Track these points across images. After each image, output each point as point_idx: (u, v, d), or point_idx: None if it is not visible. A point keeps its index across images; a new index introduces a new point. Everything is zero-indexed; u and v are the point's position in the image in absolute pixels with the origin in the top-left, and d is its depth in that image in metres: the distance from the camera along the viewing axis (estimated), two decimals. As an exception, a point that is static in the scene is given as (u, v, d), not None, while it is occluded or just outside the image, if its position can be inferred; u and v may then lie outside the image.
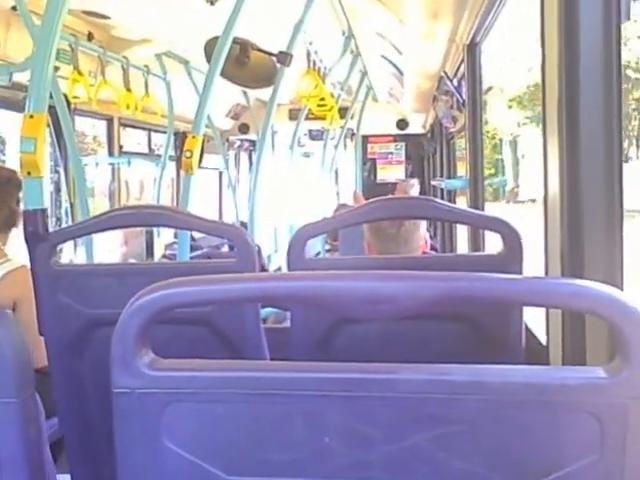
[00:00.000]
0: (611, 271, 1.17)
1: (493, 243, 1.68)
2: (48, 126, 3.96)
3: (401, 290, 0.70)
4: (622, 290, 1.17)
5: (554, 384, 0.70)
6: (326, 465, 0.71)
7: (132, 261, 4.60)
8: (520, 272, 1.48)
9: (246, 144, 7.83)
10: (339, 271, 0.72)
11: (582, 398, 0.69)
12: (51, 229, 1.68)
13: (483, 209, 2.97)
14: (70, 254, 3.97)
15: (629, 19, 1.28)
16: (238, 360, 0.76)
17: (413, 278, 0.71)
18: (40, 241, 1.59)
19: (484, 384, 0.70)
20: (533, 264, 1.49)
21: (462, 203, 3.74)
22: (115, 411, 0.73)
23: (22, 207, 1.75)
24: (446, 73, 3.88)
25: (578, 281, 0.70)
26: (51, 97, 3.37)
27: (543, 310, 1.49)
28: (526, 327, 1.61)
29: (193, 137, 2.52)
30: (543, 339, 1.59)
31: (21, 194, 2.17)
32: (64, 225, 3.95)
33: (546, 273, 1.42)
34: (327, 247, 5.86)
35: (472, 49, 3.06)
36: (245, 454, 0.72)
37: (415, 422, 0.70)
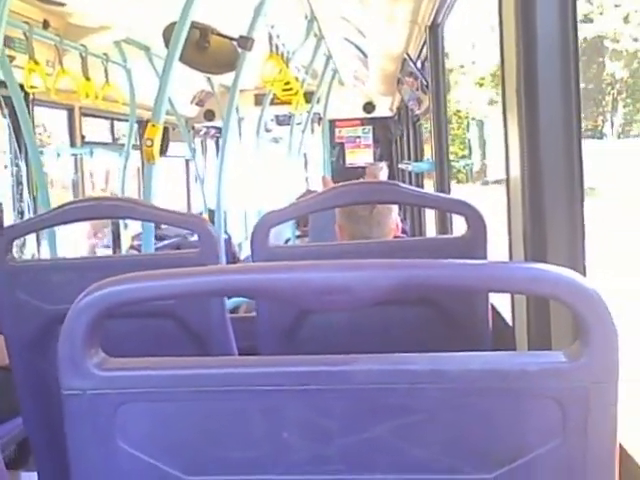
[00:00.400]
0: (573, 255, 1.17)
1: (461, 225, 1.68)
2: (4, 117, 3.87)
3: (356, 280, 0.68)
4: (584, 273, 1.17)
5: (515, 370, 0.69)
6: (285, 460, 0.70)
7: (99, 253, 4.53)
8: (485, 254, 1.48)
9: (212, 131, 7.75)
10: (292, 262, 0.70)
11: (543, 383, 0.68)
12: (14, 223, 1.64)
13: (449, 192, 2.97)
14: (33, 249, 3.91)
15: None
16: (192, 357, 0.73)
17: (368, 267, 0.69)
18: None
19: (444, 373, 0.69)
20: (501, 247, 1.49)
21: (430, 186, 3.75)
22: (66, 413, 0.70)
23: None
24: (409, 55, 3.87)
25: (539, 265, 0.69)
26: (7, 87, 3.28)
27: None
28: (493, 308, 1.62)
29: (153, 125, 2.47)
30: (510, 319, 1.59)
31: None
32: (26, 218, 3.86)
33: (510, 257, 1.42)
34: (298, 233, 5.84)
35: (434, 30, 3.04)
36: (202, 453, 0.71)
37: (374, 413, 0.69)
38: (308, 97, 5.78)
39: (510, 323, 1.58)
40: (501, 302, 1.72)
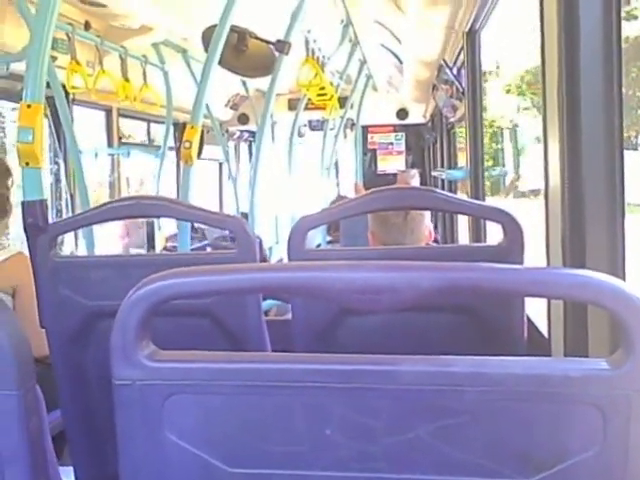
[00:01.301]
0: (613, 262, 1.16)
1: (494, 235, 1.68)
2: (46, 117, 3.95)
3: (401, 280, 0.69)
4: (624, 281, 1.16)
5: (556, 375, 0.69)
6: (327, 457, 0.71)
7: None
8: (521, 263, 1.48)
9: (245, 135, 7.81)
10: (338, 262, 0.72)
11: (585, 390, 0.69)
12: (51, 221, 1.68)
13: (484, 200, 2.96)
14: (71, 246, 3.97)
15: (629, 4, 1.26)
16: (239, 352, 0.75)
17: (413, 268, 0.70)
18: (40, 233, 1.59)
19: (485, 375, 0.69)
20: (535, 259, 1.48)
21: (463, 196, 3.73)
22: (116, 403, 0.72)
23: (20, 198, 1.74)
24: (445, 61, 3.86)
25: (582, 271, 0.69)
26: (49, 87, 3.35)
27: (544, 302, 1.48)
28: (528, 319, 1.61)
29: (192, 127, 2.51)
30: (545, 331, 1.58)
31: (10, 181, 2.15)
32: (65, 217, 3.94)
33: (548, 265, 1.41)
34: (328, 239, 5.84)
35: (471, 36, 3.04)
36: (246, 446, 0.72)
37: (416, 414, 0.70)
38: (342, 102, 5.80)
39: (546, 335, 1.57)
40: (535, 315, 1.71)
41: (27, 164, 1.69)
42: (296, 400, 0.71)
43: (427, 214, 1.99)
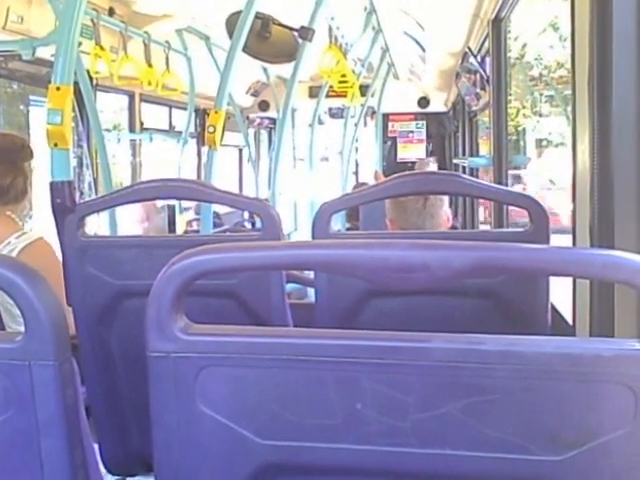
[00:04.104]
0: (642, 246, 1.16)
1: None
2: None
3: (434, 259, 0.69)
4: None
5: (588, 355, 0.69)
6: (358, 431, 0.72)
7: (154, 236, 4.61)
8: None
9: (266, 122, 7.81)
10: (370, 240, 0.72)
11: (616, 369, 0.69)
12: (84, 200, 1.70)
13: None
14: (94, 230, 4.01)
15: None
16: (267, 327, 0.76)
17: (446, 247, 0.70)
18: (67, 213, 1.61)
19: (517, 354, 0.70)
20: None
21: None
22: (150, 375, 0.74)
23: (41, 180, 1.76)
24: (470, 49, 3.84)
25: (616, 252, 0.69)
26: (75, 72, 3.37)
27: (565, 290, 1.48)
28: (553, 307, 1.60)
29: (216, 112, 2.52)
30: (568, 318, 1.58)
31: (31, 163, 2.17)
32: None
33: None
34: (348, 226, 5.85)
35: (497, 24, 3.01)
36: (277, 419, 0.73)
37: (448, 391, 0.70)
38: (363, 90, 5.78)
39: (569, 321, 1.57)
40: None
41: (55, 145, 1.71)
42: (328, 374, 0.72)
43: (446, 200, 1.99)
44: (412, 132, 8.13)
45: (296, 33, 3.29)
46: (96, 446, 1.75)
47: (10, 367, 0.76)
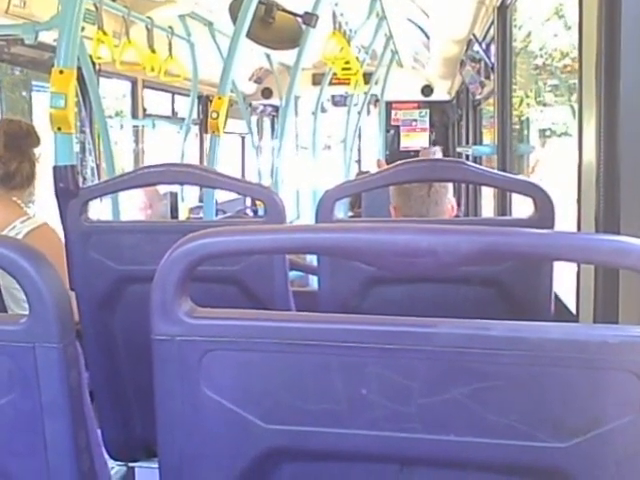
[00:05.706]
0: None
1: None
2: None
3: (440, 243, 0.69)
4: None
5: (594, 341, 0.69)
6: (363, 416, 0.72)
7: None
8: None
9: (269, 109, 7.79)
10: (377, 224, 0.72)
11: (622, 356, 0.68)
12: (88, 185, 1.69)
13: (510, 176, 2.93)
14: (96, 215, 4.00)
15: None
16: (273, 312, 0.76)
17: (453, 232, 0.70)
18: (71, 197, 1.60)
19: (522, 340, 0.69)
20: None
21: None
22: (155, 358, 0.73)
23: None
24: (475, 36, 3.81)
25: (624, 238, 0.69)
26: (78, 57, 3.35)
27: (568, 279, 1.48)
28: (556, 297, 1.60)
29: (219, 98, 2.51)
30: (572, 307, 1.58)
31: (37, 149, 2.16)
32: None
33: None
34: (350, 214, 5.84)
35: (503, 11, 2.99)
36: (281, 403, 0.73)
37: (453, 376, 0.70)
38: (366, 78, 5.75)
39: (572, 309, 1.56)
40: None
41: (59, 129, 1.70)
42: (333, 359, 0.71)
43: (450, 188, 1.98)
44: (415, 120, 8.10)
45: (300, 19, 3.27)
46: (98, 431, 1.76)
47: (14, 349, 0.75)
